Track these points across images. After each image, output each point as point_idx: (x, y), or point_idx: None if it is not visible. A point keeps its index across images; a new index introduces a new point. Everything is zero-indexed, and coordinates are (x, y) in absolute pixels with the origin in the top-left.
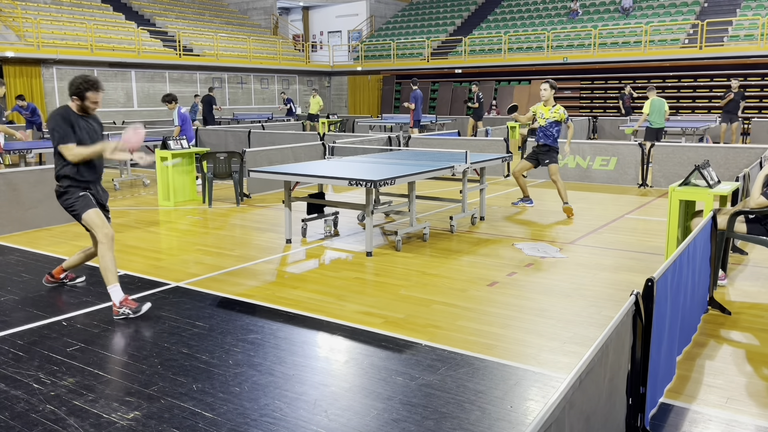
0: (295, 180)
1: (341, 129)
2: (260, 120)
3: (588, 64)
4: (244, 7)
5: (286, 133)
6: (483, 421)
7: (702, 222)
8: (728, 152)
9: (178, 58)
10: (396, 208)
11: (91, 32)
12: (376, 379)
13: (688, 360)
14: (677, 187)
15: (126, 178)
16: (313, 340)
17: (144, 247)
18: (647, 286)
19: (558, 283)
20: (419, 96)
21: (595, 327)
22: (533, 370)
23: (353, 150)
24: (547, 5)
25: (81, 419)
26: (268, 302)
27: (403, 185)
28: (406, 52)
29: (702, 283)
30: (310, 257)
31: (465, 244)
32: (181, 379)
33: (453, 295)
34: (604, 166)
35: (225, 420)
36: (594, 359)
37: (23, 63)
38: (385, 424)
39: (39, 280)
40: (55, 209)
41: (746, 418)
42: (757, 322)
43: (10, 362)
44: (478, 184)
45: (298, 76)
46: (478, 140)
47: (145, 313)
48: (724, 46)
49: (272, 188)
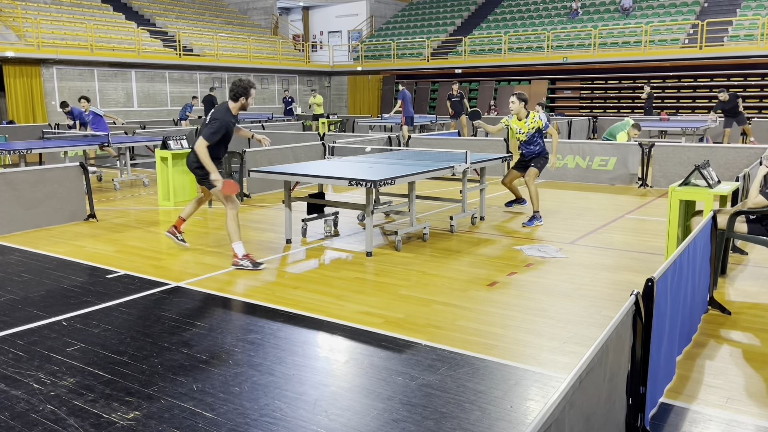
0: (295, 180)
1: (341, 129)
2: (260, 120)
3: (588, 64)
4: (244, 7)
5: (286, 133)
6: (483, 421)
7: (702, 222)
8: (728, 152)
9: (178, 58)
10: (396, 208)
11: (91, 32)
12: (376, 379)
13: (688, 360)
14: (677, 187)
15: (126, 178)
16: (313, 340)
17: (144, 247)
18: (647, 286)
19: (558, 283)
20: (407, 95)
21: (595, 327)
22: (533, 370)
23: (353, 150)
24: (547, 5)
25: (81, 419)
26: (268, 302)
27: (403, 185)
28: (406, 52)
29: (702, 283)
30: (310, 257)
31: (465, 244)
32: (181, 379)
33: (453, 295)
34: (603, 166)
35: (225, 420)
36: (594, 359)
37: (23, 63)
38: (385, 424)
39: (39, 280)
40: (56, 209)
41: (746, 418)
42: (757, 322)
43: (10, 362)
44: (478, 184)
45: (298, 76)
46: (478, 140)
47: (145, 313)
48: (724, 46)
49: (272, 188)
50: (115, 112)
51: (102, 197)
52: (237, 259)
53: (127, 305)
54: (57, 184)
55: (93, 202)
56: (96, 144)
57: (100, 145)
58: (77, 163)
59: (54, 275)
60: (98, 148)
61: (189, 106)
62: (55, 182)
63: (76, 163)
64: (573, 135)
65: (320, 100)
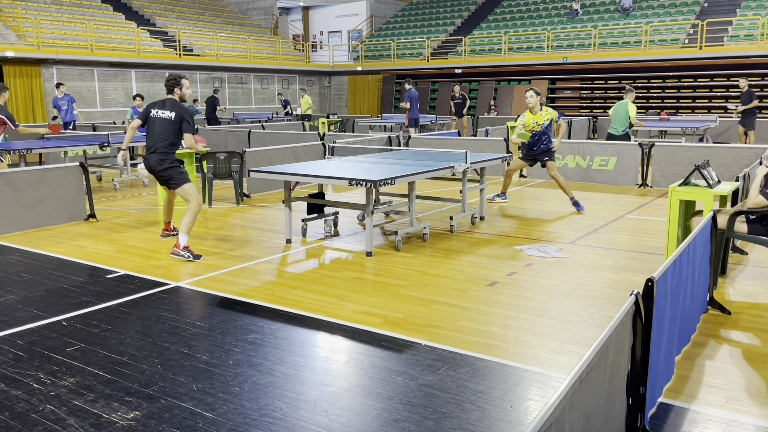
0: (295, 180)
1: (341, 129)
2: (260, 120)
3: (588, 64)
4: (244, 7)
5: (286, 133)
6: (483, 421)
7: (702, 222)
8: (728, 152)
9: (178, 58)
10: (396, 208)
11: (91, 32)
12: (376, 379)
13: (687, 360)
14: (677, 187)
15: (126, 178)
16: (313, 340)
17: (144, 247)
18: (647, 286)
19: (558, 283)
20: (415, 95)
21: (595, 327)
22: (533, 370)
23: (353, 150)
24: (547, 5)
25: (81, 419)
26: (268, 302)
27: (403, 185)
28: (406, 52)
29: (702, 283)
30: (310, 257)
31: (465, 244)
32: (181, 379)
33: (453, 295)
34: (603, 166)
35: (225, 420)
36: (594, 359)
37: (23, 63)
38: (385, 424)
39: (39, 280)
40: (56, 209)
41: (746, 418)
42: (757, 322)
43: (10, 362)
44: (478, 184)
45: (298, 76)
46: (478, 140)
47: (145, 313)
48: (724, 46)
49: (272, 188)
50: (115, 113)
51: (102, 197)
52: (178, 248)
53: (127, 305)
54: (57, 184)
55: (93, 202)
56: (96, 144)
57: (100, 145)
58: (77, 163)
59: (54, 275)
60: (98, 148)
61: (191, 109)
62: (55, 182)
63: (76, 163)
64: (573, 135)
65: (307, 100)
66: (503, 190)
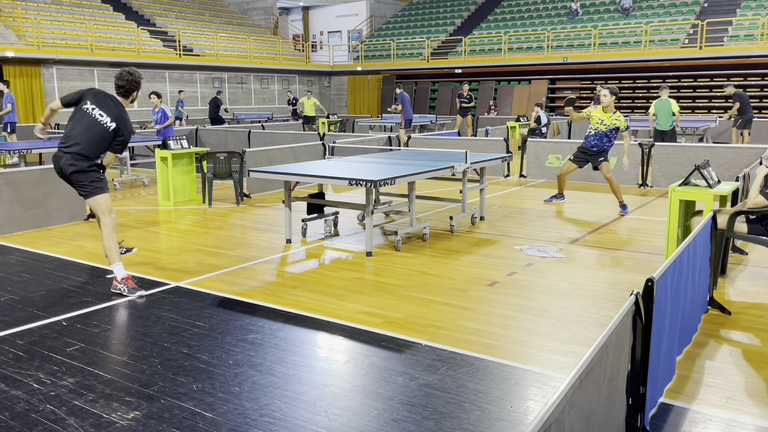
0: (295, 180)
1: (341, 129)
2: (260, 120)
3: (588, 64)
4: (244, 7)
5: (286, 133)
6: (483, 421)
7: (702, 222)
8: (728, 152)
9: (178, 58)
10: (396, 208)
11: (91, 32)
12: (376, 379)
13: (688, 360)
14: (677, 187)
15: (126, 178)
16: (313, 340)
17: (144, 247)
18: (647, 286)
19: (558, 283)
20: (406, 98)
21: (595, 327)
22: (533, 370)
23: (353, 150)
24: (547, 5)
25: (81, 419)
26: (268, 302)
27: (403, 185)
28: (406, 52)
29: (702, 283)
30: (310, 257)
31: (465, 244)
32: (181, 379)
33: (453, 295)
34: None
35: (225, 420)
36: (594, 359)
37: (23, 63)
38: (385, 424)
39: (39, 280)
40: (56, 209)
41: (746, 418)
42: (757, 322)
43: (10, 362)
44: (478, 184)
45: (298, 76)
46: (478, 140)
47: (145, 313)
48: (724, 46)
49: (272, 188)
50: None
51: None
52: (116, 282)
53: (127, 305)
54: (57, 184)
55: None
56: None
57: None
58: None
59: (54, 275)
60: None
61: (180, 102)
62: (55, 182)
63: None
64: (573, 135)
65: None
66: (560, 191)
